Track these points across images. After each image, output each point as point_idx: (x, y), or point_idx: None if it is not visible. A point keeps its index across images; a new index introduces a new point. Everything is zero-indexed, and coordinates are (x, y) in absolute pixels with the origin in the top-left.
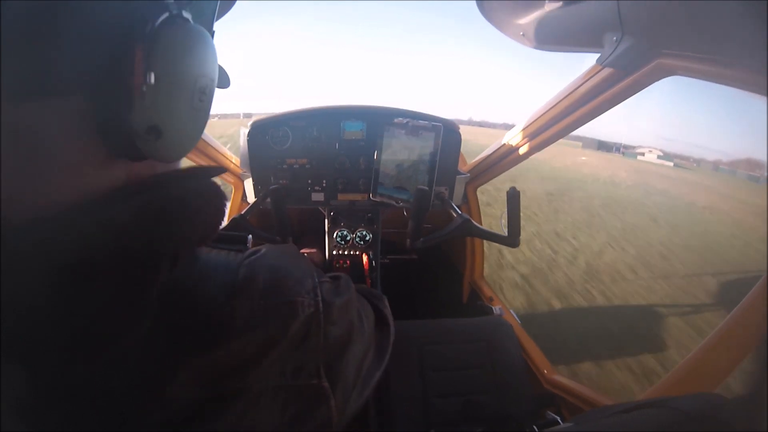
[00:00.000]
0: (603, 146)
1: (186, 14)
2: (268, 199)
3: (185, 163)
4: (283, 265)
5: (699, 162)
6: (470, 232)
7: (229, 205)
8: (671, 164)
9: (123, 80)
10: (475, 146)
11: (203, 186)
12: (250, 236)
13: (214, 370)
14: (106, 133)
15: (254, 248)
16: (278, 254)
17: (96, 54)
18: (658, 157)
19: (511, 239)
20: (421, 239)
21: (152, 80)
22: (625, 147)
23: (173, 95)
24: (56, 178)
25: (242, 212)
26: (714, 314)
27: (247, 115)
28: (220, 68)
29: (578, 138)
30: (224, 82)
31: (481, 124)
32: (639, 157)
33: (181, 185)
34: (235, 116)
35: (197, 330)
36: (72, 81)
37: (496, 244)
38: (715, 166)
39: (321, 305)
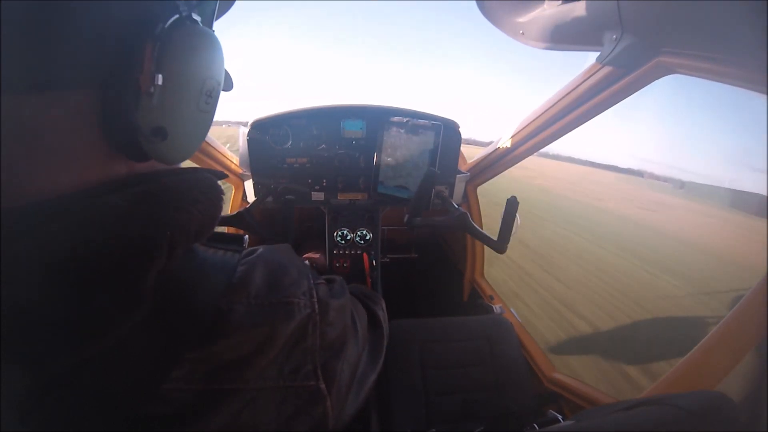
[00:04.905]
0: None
1: (195, 16)
2: (270, 198)
3: (186, 164)
4: (280, 266)
5: None
6: (464, 227)
7: (228, 201)
8: None
9: (131, 78)
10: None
11: (200, 179)
12: (247, 236)
13: (209, 365)
14: (110, 130)
15: (251, 248)
16: (275, 255)
17: (104, 49)
18: None
19: (500, 244)
20: (418, 219)
21: (160, 81)
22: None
23: (181, 97)
24: (57, 169)
25: (248, 207)
26: None
27: (217, 123)
28: (225, 71)
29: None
30: (228, 84)
31: (467, 142)
32: None
33: (178, 177)
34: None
35: (193, 325)
36: (78, 74)
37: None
38: None
39: (317, 306)
